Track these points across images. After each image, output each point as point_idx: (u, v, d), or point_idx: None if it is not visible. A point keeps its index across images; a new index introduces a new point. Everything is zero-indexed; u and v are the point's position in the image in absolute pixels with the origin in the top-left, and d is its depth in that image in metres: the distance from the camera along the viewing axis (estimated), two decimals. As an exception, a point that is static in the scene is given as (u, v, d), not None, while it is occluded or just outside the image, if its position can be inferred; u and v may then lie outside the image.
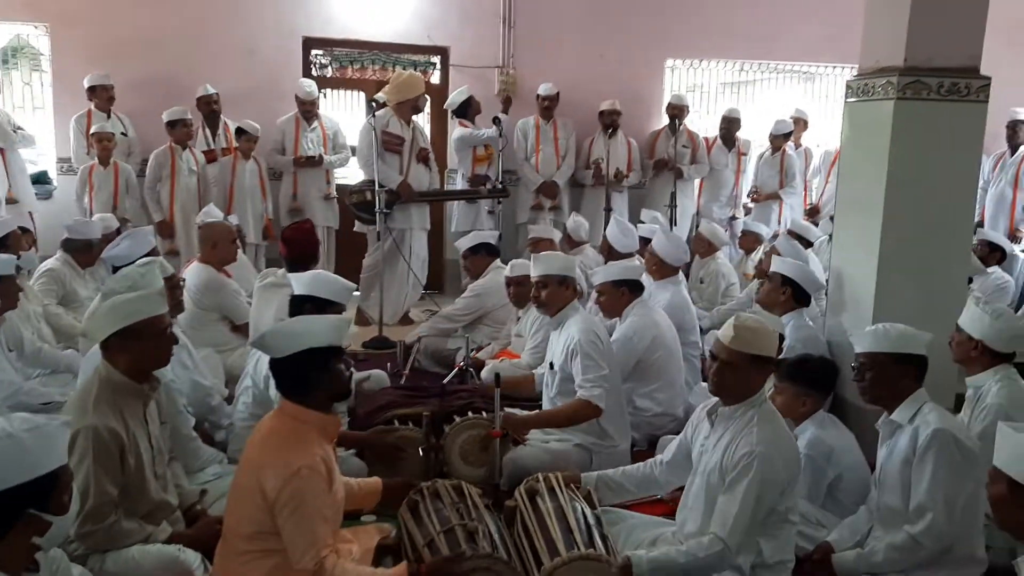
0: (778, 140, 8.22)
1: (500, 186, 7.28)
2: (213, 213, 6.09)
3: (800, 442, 3.47)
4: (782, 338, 3.99)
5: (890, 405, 3.14)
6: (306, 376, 2.67)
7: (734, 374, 2.87)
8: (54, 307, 5.28)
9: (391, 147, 6.74)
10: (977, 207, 7.91)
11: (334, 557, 2.59)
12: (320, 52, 8.32)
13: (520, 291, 5.15)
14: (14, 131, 7.09)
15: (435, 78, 8.42)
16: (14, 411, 3.88)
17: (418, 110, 6.97)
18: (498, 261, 5.95)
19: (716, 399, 2.99)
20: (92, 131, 7.03)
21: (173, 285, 4.12)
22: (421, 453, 3.76)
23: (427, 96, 7.11)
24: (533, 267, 4.24)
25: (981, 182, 7.88)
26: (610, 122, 7.83)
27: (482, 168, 7.55)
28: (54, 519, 1.97)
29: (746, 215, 8.36)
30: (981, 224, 7.78)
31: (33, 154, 7.88)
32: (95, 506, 2.70)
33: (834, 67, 8.99)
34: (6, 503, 1.89)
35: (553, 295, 4.13)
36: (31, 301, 4.98)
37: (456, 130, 7.62)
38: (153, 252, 5.01)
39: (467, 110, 7.55)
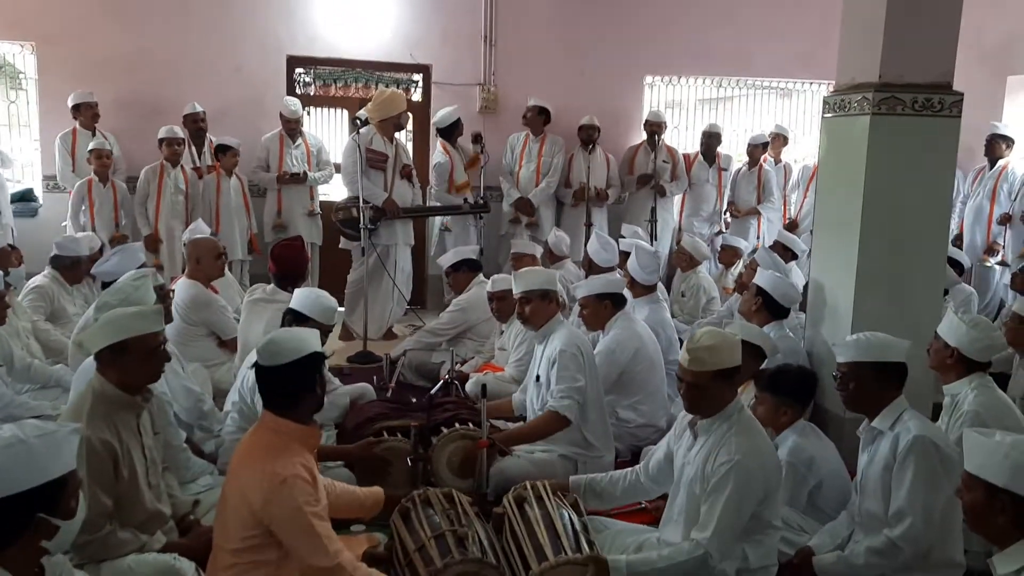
0: (756, 151, 8.34)
1: (482, 201, 7.34)
2: (200, 229, 6.12)
3: (781, 451, 3.54)
4: (761, 351, 4.08)
5: (872, 412, 3.20)
6: (305, 384, 2.73)
7: (702, 393, 2.95)
8: (42, 323, 5.29)
9: (375, 164, 6.80)
10: (956, 220, 8.08)
11: (349, 554, 2.64)
12: (304, 70, 8.39)
13: (503, 305, 5.23)
14: None
15: (417, 95, 8.51)
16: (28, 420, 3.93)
17: (400, 127, 7.06)
18: (481, 276, 6.01)
19: None
20: (90, 147, 7.07)
21: (163, 296, 4.16)
22: (409, 464, 3.80)
23: (409, 114, 7.16)
24: (515, 284, 4.30)
25: (960, 195, 8.06)
26: (587, 138, 7.92)
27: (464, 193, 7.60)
28: (62, 523, 2.01)
29: (717, 235, 8.46)
30: (960, 237, 7.94)
31: (19, 172, 7.86)
32: (90, 517, 2.70)
33: (810, 83, 9.17)
34: (19, 507, 1.94)
35: (536, 310, 4.19)
36: (20, 317, 4.98)
37: (437, 153, 7.69)
38: (142, 268, 5.03)
39: (451, 132, 7.62)
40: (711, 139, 8.38)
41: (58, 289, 5.57)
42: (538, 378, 4.19)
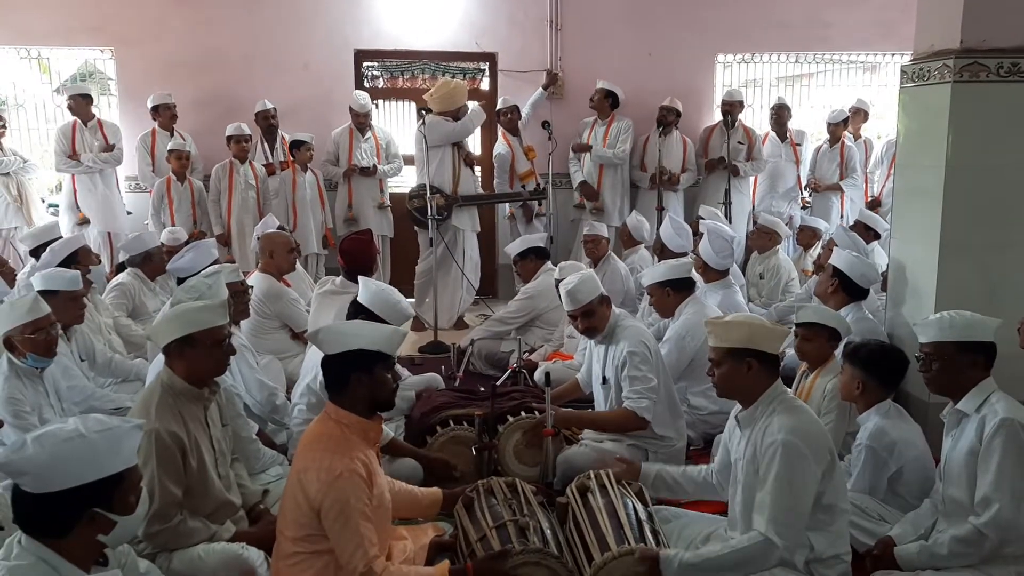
0: (837, 128, 8.04)
1: (541, 187, 7.29)
2: (271, 224, 6.24)
3: (862, 433, 3.43)
4: (836, 333, 3.92)
5: (957, 395, 3.05)
6: (349, 376, 2.72)
7: (723, 372, 2.93)
8: (124, 319, 5.47)
9: None
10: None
11: (383, 560, 2.64)
12: (372, 64, 8.46)
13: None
14: (106, 149, 7.39)
15: (484, 84, 8.49)
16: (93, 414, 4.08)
17: (459, 119, 7.01)
18: (548, 263, 5.97)
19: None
20: (169, 148, 7.33)
21: (242, 291, 4.26)
22: (474, 453, 3.79)
23: (469, 105, 7.12)
24: (565, 303, 4.11)
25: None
26: (662, 119, 7.76)
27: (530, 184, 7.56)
28: (120, 519, 2.03)
29: (802, 209, 8.20)
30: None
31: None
32: (161, 507, 2.79)
33: (892, 55, 8.76)
34: (71, 500, 1.97)
35: (599, 318, 4.03)
36: (101, 313, 5.17)
37: (498, 144, 7.69)
38: (216, 264, 5.16)
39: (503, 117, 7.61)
40: (781, 112, 8.12)
41: (139, 285, 5.75)
42: (605, 380, 4.10)
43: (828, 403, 3.75)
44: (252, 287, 4.61)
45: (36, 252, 5.57)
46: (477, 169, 7.25)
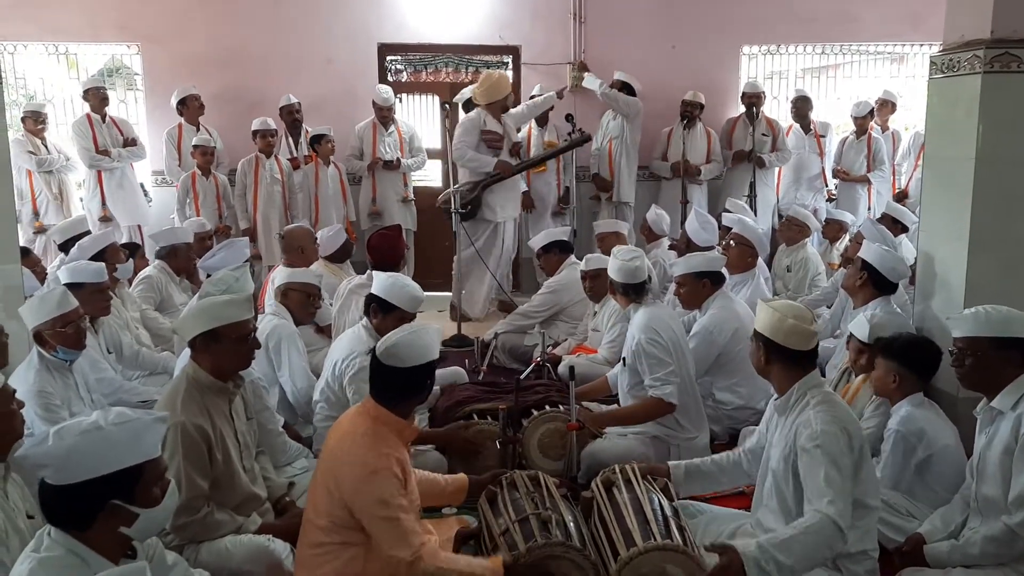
0: (862, 121, 7.95)
1: (581, 132, 7.19)
2: (336, 238, 6.17)
3: (892, 420, 3.42)
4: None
5: (990, 391, 3.00)
6: (414, 385, 2.78)
7: (757, 355, 2.95)
8: (151, 312, 5.52)
9: (492, 144, 6.95)
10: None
11: (431, 546, 2.65)
12: (395, 57, 8.47)
13: (596, 285, 5.13)
14: (128, 144, 7.48)
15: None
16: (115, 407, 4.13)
17: (506, 109, 7.08)
18: (572, 257, 5.95)
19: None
20: (194, 143, 7.37)
21: (316, 294, 4.49)
22: (499, 447, 3.79)
23: (513, 94, 7.15)
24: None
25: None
26: (686, 113, 7.73)
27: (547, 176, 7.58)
28: (143, 511, 2.04)
29: (828, 202, 8.12)
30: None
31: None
32: (188, 499, 2.82)
33: (921, 45, 8.63)
34: (91, 492, 1.98)
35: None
36: (129, 308, 5.22)
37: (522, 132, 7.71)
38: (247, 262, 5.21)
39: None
40: (801, 104, 8.06)
41: (166, 279, 5.79)
42: (624, 361, 4.10)
43: (873, 410, 3.69)
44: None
45: (65, 246, 5.64)
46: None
